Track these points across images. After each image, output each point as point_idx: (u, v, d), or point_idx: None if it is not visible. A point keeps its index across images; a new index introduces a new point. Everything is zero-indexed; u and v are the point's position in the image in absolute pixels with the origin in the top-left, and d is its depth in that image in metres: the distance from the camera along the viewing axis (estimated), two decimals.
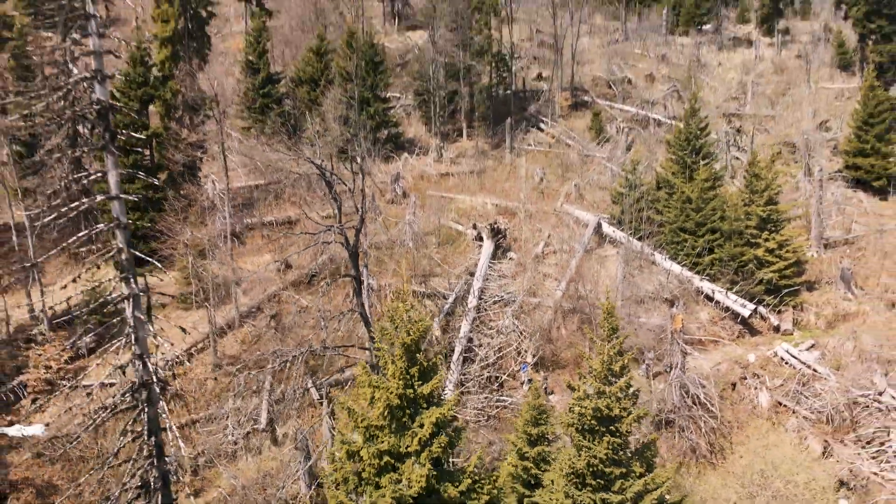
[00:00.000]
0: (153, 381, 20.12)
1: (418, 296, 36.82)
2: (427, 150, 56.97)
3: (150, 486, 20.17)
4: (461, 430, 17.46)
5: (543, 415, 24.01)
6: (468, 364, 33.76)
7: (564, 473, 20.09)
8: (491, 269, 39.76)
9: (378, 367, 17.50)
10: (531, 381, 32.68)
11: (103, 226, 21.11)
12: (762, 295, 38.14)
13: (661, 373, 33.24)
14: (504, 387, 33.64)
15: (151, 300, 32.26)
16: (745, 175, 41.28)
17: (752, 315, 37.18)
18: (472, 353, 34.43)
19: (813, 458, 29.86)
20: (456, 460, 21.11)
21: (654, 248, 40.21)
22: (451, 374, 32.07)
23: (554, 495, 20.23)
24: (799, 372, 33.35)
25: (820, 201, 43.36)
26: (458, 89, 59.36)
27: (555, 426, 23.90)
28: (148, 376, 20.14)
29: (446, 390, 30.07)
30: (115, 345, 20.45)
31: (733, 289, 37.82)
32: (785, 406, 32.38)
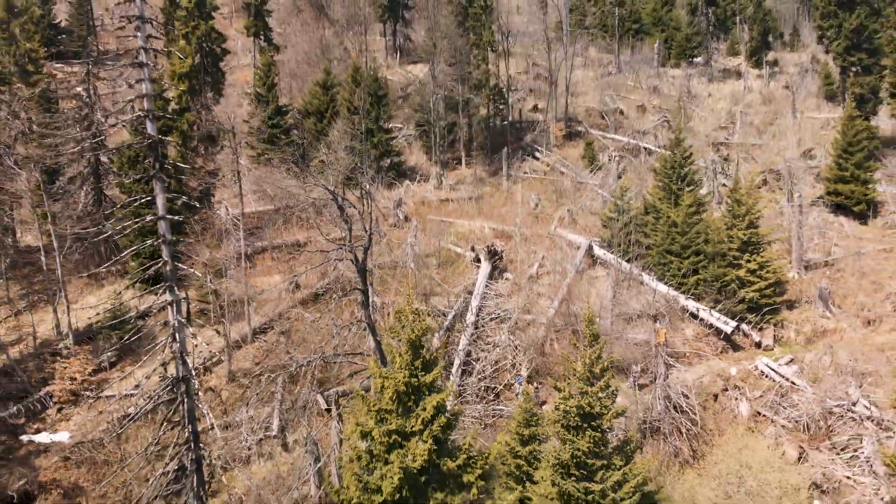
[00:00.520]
0: (191, 376, 22.54)
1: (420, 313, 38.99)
2: (428, 177, 59.46)
3: (187, 469, 22.56)
4: (457, 415, 20.06)
5: (534, 417, 26.21)
6: (466, 376, 35.86)
7: (551, 465, 22.30)
8: (488, 289, 41.91)
9: (386, 363, 20.05)
10: (523, 389, 34.82)
11: (152, 241, 23.51)
12: (744, 313, 40.09)
13: (647, 384, 35.36)
14: (500, 397, 35.67)
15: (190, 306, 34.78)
16: (728, 201, 43.60)
17: (734, 332, 39.26)
18: (470, 366, 36.54)
19: (788, 463, 31.77)
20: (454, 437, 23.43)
21: (641, 269, 42.36)
22: (451, 385, 34.21)
23: (542, 485, 22.43)
24: (778, 384, 35.20)
25: (800, 225, 45.66)
26: (458, 120, 61.84)
27: (545, 427, 26.05)
28: (186, 371, 22.62)
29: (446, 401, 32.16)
30: (150, 353, 22.80)
31: (717, 307, 39.88)
32: (764, 415, 34.24)
